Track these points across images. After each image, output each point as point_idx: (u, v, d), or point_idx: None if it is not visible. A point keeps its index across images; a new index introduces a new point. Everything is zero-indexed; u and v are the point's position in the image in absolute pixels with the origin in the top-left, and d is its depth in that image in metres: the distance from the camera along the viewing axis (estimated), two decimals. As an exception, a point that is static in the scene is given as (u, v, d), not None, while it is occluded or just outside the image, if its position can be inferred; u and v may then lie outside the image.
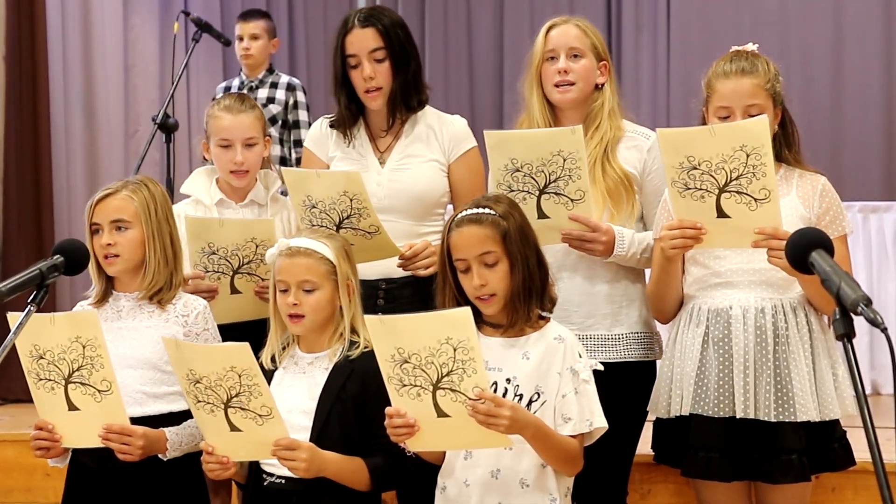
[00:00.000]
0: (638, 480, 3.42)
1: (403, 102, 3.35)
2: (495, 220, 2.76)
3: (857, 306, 1.94)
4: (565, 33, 3.26)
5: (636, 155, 3.23)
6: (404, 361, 2.56)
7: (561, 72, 3.21)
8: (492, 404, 2.53)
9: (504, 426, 2.54)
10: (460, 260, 2.77)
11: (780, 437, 2.93)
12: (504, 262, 2.75)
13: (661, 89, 7.73)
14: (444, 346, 2.52)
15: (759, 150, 2.76)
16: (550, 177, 3.01)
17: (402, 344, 2.55)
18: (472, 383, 2.53)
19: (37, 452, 2.94)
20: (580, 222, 3.05)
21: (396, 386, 2.59)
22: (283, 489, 2.81)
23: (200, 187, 3.56)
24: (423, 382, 2.56)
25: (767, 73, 3.03)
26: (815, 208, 3.03)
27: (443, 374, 2.54)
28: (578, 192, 3.02)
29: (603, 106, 3.24)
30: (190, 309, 3.07)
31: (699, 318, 3.03)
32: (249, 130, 3.49)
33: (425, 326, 2.55)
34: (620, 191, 3.18)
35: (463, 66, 8.13)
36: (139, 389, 2.98)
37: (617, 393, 3.05)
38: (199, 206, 3.52)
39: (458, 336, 2.51)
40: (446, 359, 2.53)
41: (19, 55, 6.08)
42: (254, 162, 3.51)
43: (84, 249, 2.68)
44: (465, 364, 2.52)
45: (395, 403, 2.61)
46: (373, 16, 3.31)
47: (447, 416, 2.57)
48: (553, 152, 2.99)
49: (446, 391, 2.55)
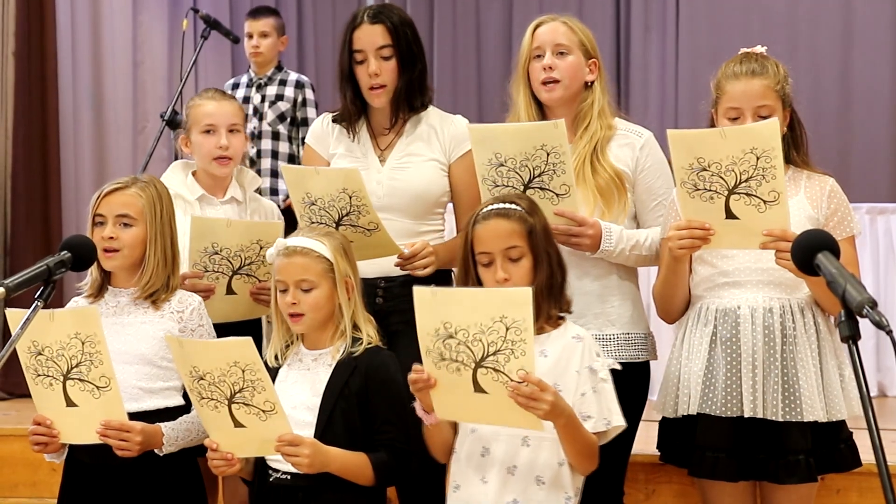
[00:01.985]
0: (642, 480, 3.42)
1: (407, 102, 3.35)
2: (522, 216, 2.77)
3: (862, 308, 1.94)
4: (552, 30, 3.24)
5: (628, 153, 3.22)
6: (448, 336, 2.54)
7: (546, 68, 3.20)
8: (536, 388, 2.52)
9: (544, 411, 2.53)
10: (484, 253, 2.77)
11: (786, 437, 2.93)
12: (528, 257, 2.76)
13: (670, 90, 7.71)
14: (496, 325, 2.51)
15: (770, 153, 2.76)
16: (535, 171, 3.01)
17: (451, 318, 2.54)
18: (517, 365, 2.51)
19: (35, 447, 2.95)
20: (565, 217, 3.04)
21: (435, 360, 2.57)
22: (288, 485, 2.82)
23: (178, 181, 3.56)
24: (466, 359, 2.54)
25: (777, 74, 3.03)
26: (824, 209, 3.03)
27: (489, 353, 2.53)
28: (563, 186, 3.01)
29: (592, 105, 3.23)
30: (185, 305, 3.07)
31: (707, 318, 3.03)
32: (233, 117, 3.53)
33: (481, 302, 2.54)
34: (611, 189, 3.16)
35: (471, 66, 8.12)
36: (135, 385, 2.98)
37: None
38: (177, 200, 3.46)
39: (514, 315, 2.49)
40: (496, 337, 2.51)
41: (28, 51, 6.10)
42: (237, 149, 3.54)
43: (91, 246, 2.69)
44: (515, 345, 2.50)
45: (430, 372, 2.60)
46: (382, 13, 3.31)
47: (484, 393, 2.56)
48: (536, 146, 2.98)
49: (489, 370, 2.54)
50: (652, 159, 3.22)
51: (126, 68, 6.80)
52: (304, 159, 3.54)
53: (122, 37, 6.80)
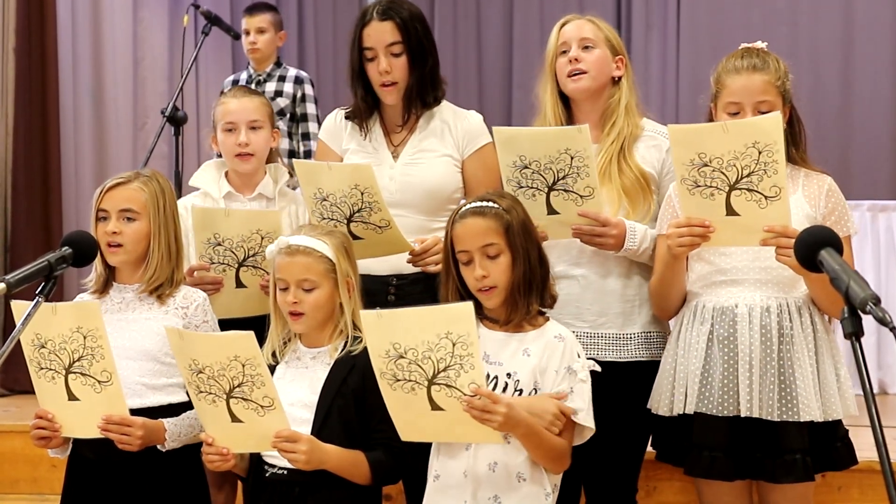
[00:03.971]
0: (643, 478, 3.42)
1: (419, 98, 3.33)
2: (498, 213, 2.77)
3: (865, 305, 1.93)
4: (578, 27, 3.25)
5: (656, 154, 3.21)
6: (399, 357, 2.56)
7: (572, 60, 3.19)
8: (488, 401, 2.54)
9: (498, 423, 2.55)
10: (463, 252, 2.78)
11: (783, 436, 2.92)
12: (506, 254, 2.75)
13: (671, 88, 7.71)
14: (443, 341, 2.52)
15: (772, 147, 2.74)
16: (559, 174, 3.01)
17: (399, 339, 2.55)
18: (468, 379, 2.53)
19: (36, 442, 2.94)
20: (589, 218, 3.05)
21: (390, 381, 2.59)
22: (284, 480, 2.81)
23: (209, 180, 3.56)
24: (419, 378, 2.56)
25: (778, 70, 3.02)
26: (821, 208, 3.02)
27: (439, 370, 2.54)
28: (587, 188, 3.01)
29: (619, 102, 3.22)
30: (189, 301, 3.07)
31: (703, 316, 3.02)
32: (254, 113, 3.50)
33: (425, 320, 2.56)
34: (637, 189, 3.16)
35: (472, 63, 8.12)
36: (139, 381, 2.98)
37: (627, 392, 3.05)
38: (206, 198, 3.52)
39: (458, 331, 2.51)
40: (444, 354, 2.53)
41: (29, 47, 6.09)
42: (259, 145, 3.50)
43: (93, 241, 2.69)
44: (463, 359, 2.52)
45: (387, 398, 2.62)
46: (391, 9, 3.27)
47: (441, 410, 2.58)
48: (560, 150, 2.98)
49: (441, 386, 2.55)
50: None
51: (127, 64, 6.80)
52: (318, 154, 3.52)
53: (122, 33, 6.79)
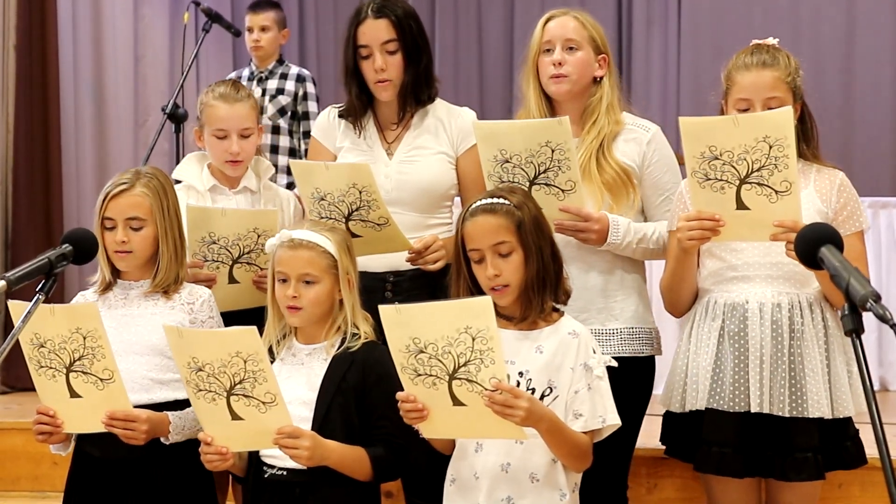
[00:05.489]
0: (644, 475, 3.42)
1: (414, 95, 3.33)
2: (510, 210, 2.75)
3: (866, 302, 1.93)
4: (562, 25, 3.23)
5: (634, 148, 3.21)
6: (419, 352, 2.55)
7: (555, 63, 3.19)
8: (509, 395, 2.52)
9: (520, 418, 2.53)
10: (474, 250, 2.76)
11: (794, 434, 2.92)
12: (518, 252, 2.73)
13: (672, 84, 7.71)
14: (462, 336, 2.50)
15: (783, 142, 2.73)
16: (540, 168, 3.00)
17: (419, 334, 2.54)
18: (489, 374, 2.51)
19: (39, 437, 2.94)
20: (570, 213, 3.04)
21: (411, 376, 2.58)
22: (284, 480, 2.81)
23: (193, 173, 3.54)
24: (440, 373, 2.55)
25: (788, 66, 3.01)
26: (833, 203, 3.01)
27: (460, 365, 2.53)
28: (569, 182, 3.00)
29: (601, 100, 3.21)
30: (195, 297, 3.07)
31: (714, 312, 3.01)
32: (245, 121, 3.46)
33: (444, 315, 2.54)
34: (619, 184, 3.15)
35: (473, 59, 8.12)
36: (145, 376, 2.98)
37: (612, 388, 3.04)
38: (190, 191, 3.49)
39: (477, 325, 2.49)
40: (464, 349, 2.51)
41: (30, 44, 6.09)
42: (249, 152, 3.50)
43: (93, 239, 2.68)
44: (484, 354, 2.50)
45: (409, 391, 2.60)
46: (386, 7, 3.28)
47: (463, 405, 2.56)
48: (541, 143, 2.98)
49: (462, 381, 2.54)
50: (659, 154, 3.21)
51: (127, 62, 6.80)
52: (311, 153, 3.52)
53: (123, 30, 6.79)
